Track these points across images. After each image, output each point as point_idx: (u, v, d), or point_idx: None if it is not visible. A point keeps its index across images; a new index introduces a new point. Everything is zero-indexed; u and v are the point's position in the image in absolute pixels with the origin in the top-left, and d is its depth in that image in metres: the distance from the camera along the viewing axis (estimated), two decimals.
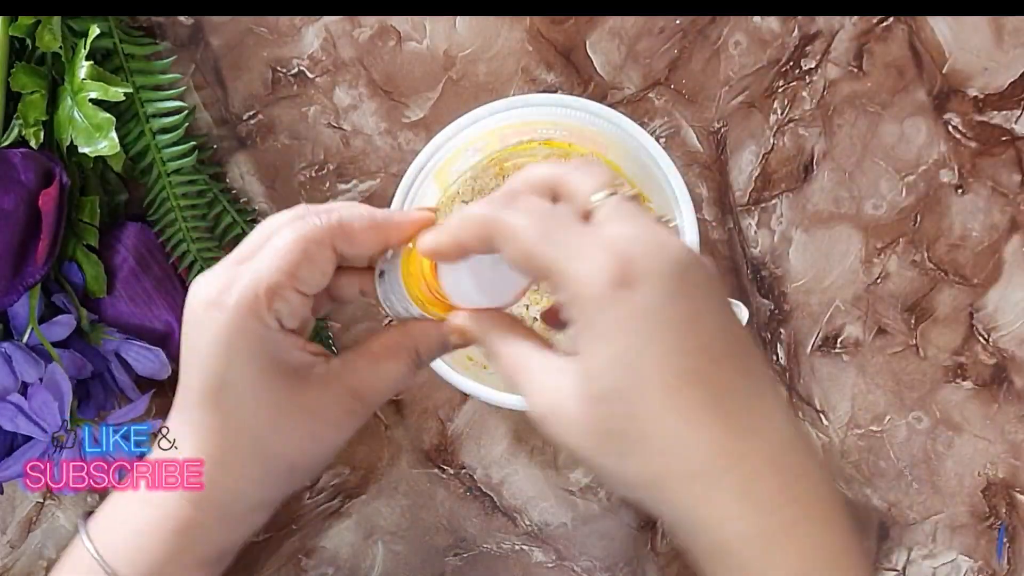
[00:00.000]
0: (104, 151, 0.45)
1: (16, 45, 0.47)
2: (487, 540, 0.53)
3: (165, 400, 0.54)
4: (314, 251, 0.38)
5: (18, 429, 0.45)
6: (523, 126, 0.46)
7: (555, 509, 0.53)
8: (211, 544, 0.40)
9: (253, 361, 0.38)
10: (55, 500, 0.54)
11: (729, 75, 0.52)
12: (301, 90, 0.52)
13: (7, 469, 0.46)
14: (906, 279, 0.52)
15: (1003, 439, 0.52)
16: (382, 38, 0.52)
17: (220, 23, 0.52)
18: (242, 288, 0.37)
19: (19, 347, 0.45)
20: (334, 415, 0.39)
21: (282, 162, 0.53)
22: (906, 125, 0.52)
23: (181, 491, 0.39)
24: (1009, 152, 0.52)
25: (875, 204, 0.52)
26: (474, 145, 0.46)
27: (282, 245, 0.37)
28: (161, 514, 0.39)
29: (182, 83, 0.51)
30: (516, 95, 0.46)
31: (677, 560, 0.53)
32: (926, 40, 0.51)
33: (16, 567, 0.54)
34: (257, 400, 0.38)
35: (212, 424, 0.38)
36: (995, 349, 0.52)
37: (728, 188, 0.52)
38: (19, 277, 0.45)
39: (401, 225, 0.39)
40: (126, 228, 0.50)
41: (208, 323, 0.37)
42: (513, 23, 0.51)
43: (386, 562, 0.54)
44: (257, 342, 0.38)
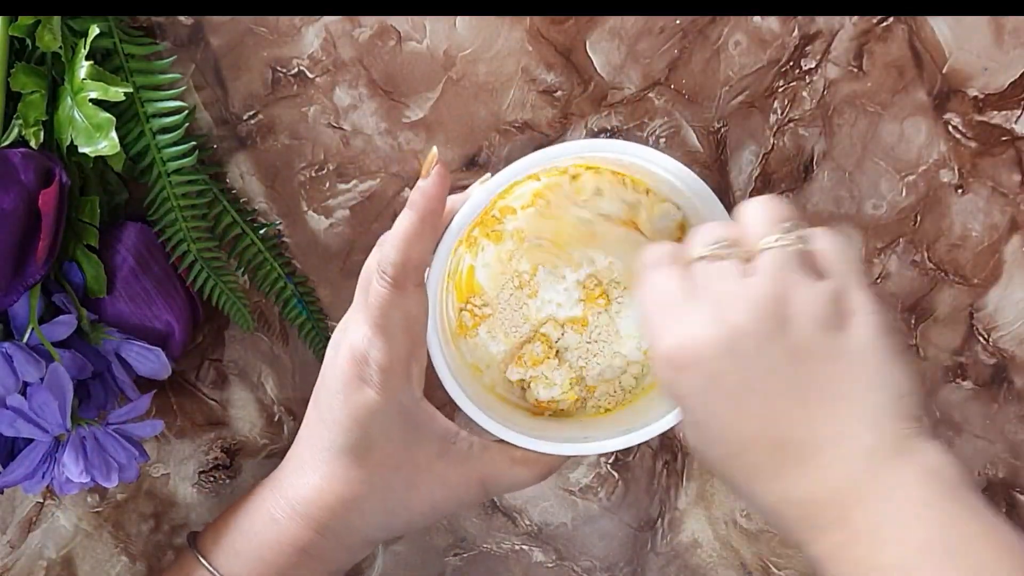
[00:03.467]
0: (104, 151, 0.45)
1: (16, 45, 0.47)
2: (487, 540, 0.54)
3: (165, 400, 0.54)
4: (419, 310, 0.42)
5: (18, 433, 0.45)
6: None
7: (555, 509, 0.53)
8: (325, 565, 0.45)
9: (401, 428, 0.43)
10: (55, 500, 0.54)
11: (729, 75, 0.52)
12: (301, 90, 0.52)
13: (10, 474, 0.46)
14: (906, 279, 0.52)
15: (1003, 439, 0.52)
16: (382, 38, 0.52)
17: (220, 23, 0.52)
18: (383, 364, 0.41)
19: (20, 347, 0.45)
20: (460, 492, 0.44)
21: (282, 162, 0.53)
22: (906, 125, 0.52)
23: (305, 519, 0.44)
24: (1009, 152, 0.52)
25: (875, 204, 0.52)
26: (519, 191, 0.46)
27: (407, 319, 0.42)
28: (285, 533, 0.44)
29: (182, 83, 0.51)
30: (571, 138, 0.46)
31: (677, 560, 0.53)
32: (926, 40, 0.51)
33: (16, 567, 0.54)
34: (400, 461, 0.43)
35: (354, 476, 0.43)
36: (995, 349, 0.52)
37: (728, 188, 0.52)
38: (19, 277, 0.45)
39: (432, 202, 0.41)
40: (126, 228, 0.49)
41: (357, 397, 0.42)
42: (513, 23, 0.51)
43: (386, 562, 0.54)
44: (405, 413, 0.43)
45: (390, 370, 0.42)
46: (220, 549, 0.45)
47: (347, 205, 0.53)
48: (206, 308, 0.52)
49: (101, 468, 0.46)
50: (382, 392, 0.42)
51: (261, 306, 0.53)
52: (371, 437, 0.42)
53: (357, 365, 0.42)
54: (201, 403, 0.54)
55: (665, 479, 0.53)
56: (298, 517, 0.44)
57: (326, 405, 0.43)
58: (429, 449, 0.43)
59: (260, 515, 0.45)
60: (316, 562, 0.44)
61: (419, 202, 0.41)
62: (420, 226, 0.41)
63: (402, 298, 0.41)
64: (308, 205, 0.53)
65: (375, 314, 0.41)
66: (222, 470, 0.54)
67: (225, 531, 0.45)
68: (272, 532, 0.44)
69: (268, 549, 0.44)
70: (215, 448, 0.54)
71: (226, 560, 0.44)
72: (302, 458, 0.45)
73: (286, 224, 0.53)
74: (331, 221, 0.53)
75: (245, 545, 0.44)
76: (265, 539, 0.44)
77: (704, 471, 0.53)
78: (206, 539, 0.46)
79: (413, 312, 0.42)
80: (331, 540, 0.44)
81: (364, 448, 0.43)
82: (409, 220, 0.41)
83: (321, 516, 0.43)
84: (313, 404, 0.45)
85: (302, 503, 0.44)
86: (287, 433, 0.54)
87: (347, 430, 0.43)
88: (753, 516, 0.53)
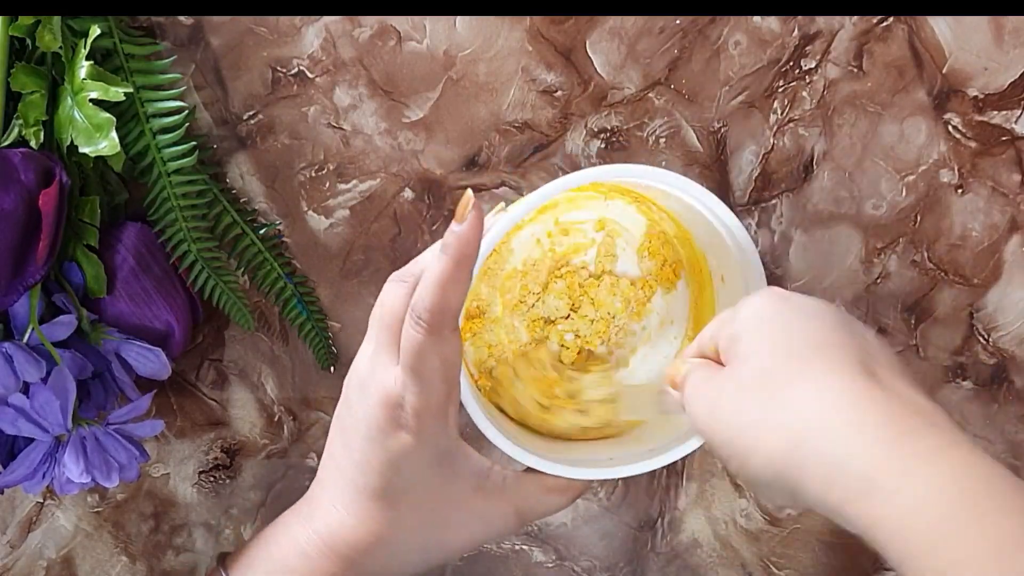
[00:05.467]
0: (104, 151, 0.45)
1: (16, 45, 0.47)
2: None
3: (165, 400, 0.54)
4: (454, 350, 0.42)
5: (20, 432, 0.45)
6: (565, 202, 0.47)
7: None
8: None
9: (436, 471, 0.43)
10: (55, 500, 0.54)
11: (729, 75, 0.52)
12: (301, 90, 0.52)
13: (11, 474, 0.46)
14: (906, 279, 0.52)
15: (1003, 439, 0.52)
16: (382, 38, 0.52)
17: (220, 23, 0.52)
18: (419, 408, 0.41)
19: (20, 347, 0.45)
20: (496, 524, 0.44)
21: (282, 162, 0.53)
22: (906, 125, 0.52)
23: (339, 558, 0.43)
24: (1009, 152, 0.52)
25: (875, 204, 0.52)
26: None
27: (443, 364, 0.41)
28: (316, 570, 0.43)
29: (182, 83, 0.51)
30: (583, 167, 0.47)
31: (677, 560, 0.53)
32: (926, 40, 0.51)
33: (16, 567, 0.54)
34: (436, 502, 0.43)
35: (389, 517, 0.43)
36: (995, 349, 0.52)
37: (728, 188, 0.52)
38: (19, 277, 0.45)
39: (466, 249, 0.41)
40: (126, 228, 0.49)
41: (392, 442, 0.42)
42: (513, 23, 0.51)
43: None
44: (440, 454, 0.42)
45: (427, 414, 0.41)
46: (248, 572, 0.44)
47: (347, 205, 0.53)
48: (206, 308, 0.52)
49: (102, 468, 0.46)
50: (418, 437, 0.41)
51: (261, 306, 0.53)
52: (406, 481, 0.42)
53: (391, 409, 0.41)
54: (201, 403, 0.54)
55: (665, 479, 0.53)
56: (331, 554, 0.43)
57: (358, 448, 0.42)
58: (464, 486, 0.43)
59: (291, 548, 0.44)
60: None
61: (454, 246, 0.40)
62: (456, 271, 0.40)
63: (439, 344, 0.40)
64: (308, 205, 0.53)
65: (411, 359, 0.40)
66: (222, 470, 0.54)
67: (255, 558, 0.45)
68: (304, 567, 0.43)
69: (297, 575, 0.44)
70: (215, 448, 0.54)
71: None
72: (334, 494, 0.44)
73: (286, 224, 0.53)
74: (331, 221, 0.53)
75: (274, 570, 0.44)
76: (295, 572, 0.43)
77: (704, 471, 0.53)
78: (237, 563, 0.45)
79: (449, 357, 0.41)
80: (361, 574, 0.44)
81: (400, 491, 0.42)
82: (445, 265, 0.40)
83: (354, 555, 0.43)
84: (342, 444, 0.44)
85: (336, 540, 0.43)
86: (287, 433, 0.54)
87: (381, 474, 0.42)
88: (753, 516, 0.53)
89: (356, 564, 0.43)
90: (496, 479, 0.44)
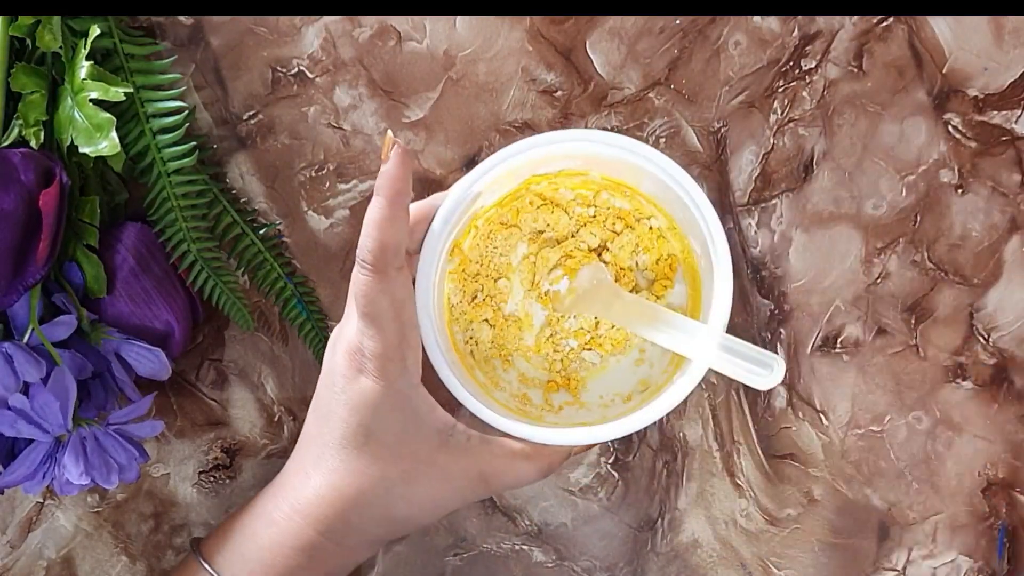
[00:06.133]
0: (104, 151, 0.45)
1: (16, 45, 0.47)
2: (487, 540, 0.54)
3: (165, 400, 0.54)
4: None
5: (19, 434, 0.45)
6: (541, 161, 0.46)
7: (555, 509, 0.53)
8: (326, 567, 0.45)
9: (398, 415, 0.43)
10: (55, 500, 0.54)
11: (729, 75, 0.52)
12: (301, 90, 0.52)
13: (11, 474, 0.46)
14: (906, 279, 0.52)
15: (1003, 439, 0.52)
16: (382, 38, 0.52)
17: (220, 23, 0.52)
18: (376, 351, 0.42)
19: (20, 347, 0.45)
20: (460, 486, 0.44)
21: (282, 162, 0.53)
22: (906, 125, 0.52)
23: (304, 518, 0.44)
24: (1009, 152, 0.52)
25: (875, 204, 0.52)
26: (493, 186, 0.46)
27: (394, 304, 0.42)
28: (285, 534, 0.44)
29: (182, 83, 0.52)
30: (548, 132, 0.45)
31: (677, 560, 0.53)
32: (926, 40, 0.51)
33: (16, 567, 0.54)
34: (399, 450, 0.43)
35: (353, 468, 0.43)
36: (995, 349, 0.52)
37: (728, 188, 0.52)
38: (19, 277, 0.45)
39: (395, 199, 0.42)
40: (126, 228, 0.49)
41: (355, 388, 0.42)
42: (513, 23, 0.51)
43: (386, 562, 0.54)
44: (402, 399, 0.42)
45: (384, 357, 0.42)
46: (222, 553, 0.45)
47: (347, 205, 0.53)
48: (206, 308, 0.52)
49: (101, 469, 0.46)
50: (379, 379, 0.42)
51: (261, 306, 0.53)
52: (369, 427, 0.43)
53: (352, 357, 0.42)
54: (201, 403, 0.54)
55: (665, 479, 0.53)
56: (297, 517, 0.44)
57: (324, 402, 0.44)
58: (428, 441, 0.43)
59: (261, 518, 0.45)
60: (317, 563, 0.44)
61: (384, 186, 0.41)
62: (390, 209, 0.41)
63: (385, 283, 0.41)
64: (308, 205, 0.53)
65: (362, 303, 0.42)
66: (222, 470, 0.54)
67: (227, 535, 0.45)
68: (272, 534, 0.44)
69: (268, 551, 0.44)
70: (215, 448, 0.54)
71: (227, 563, 0.45)
72: (302, 458, 0.45)
73: (286, 224, 0.53)
74: (331, 221, 0.53)
75: (246, 548, 0.45)
76: (265, 541, 0.44)
77: (704, 471, 0.53)
78: (209, 543, 0.46)
79: (399, 296, 0.42)
80: (330, 539, 0.44)
81: (363, 438, 0.43)
82: (379, 205, 0.41)
83: (320, 514, 0.43)
84: (313, 405, 0.45)
85: (301, 502, 0.44)
86: (287, 433, 0.54)
87: (345, 422, 0.43)
88: (753, 516, 0.53)
89: (323, 525, 0.43)
90: (460, 437, 0.44)
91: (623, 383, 0.50)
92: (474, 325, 0.50)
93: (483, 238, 0.49)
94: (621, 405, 0.49)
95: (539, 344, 0.50)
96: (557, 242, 0.50)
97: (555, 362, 0.50)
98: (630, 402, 0.49)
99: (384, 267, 0.41)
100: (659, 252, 0.50)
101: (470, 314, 0.49)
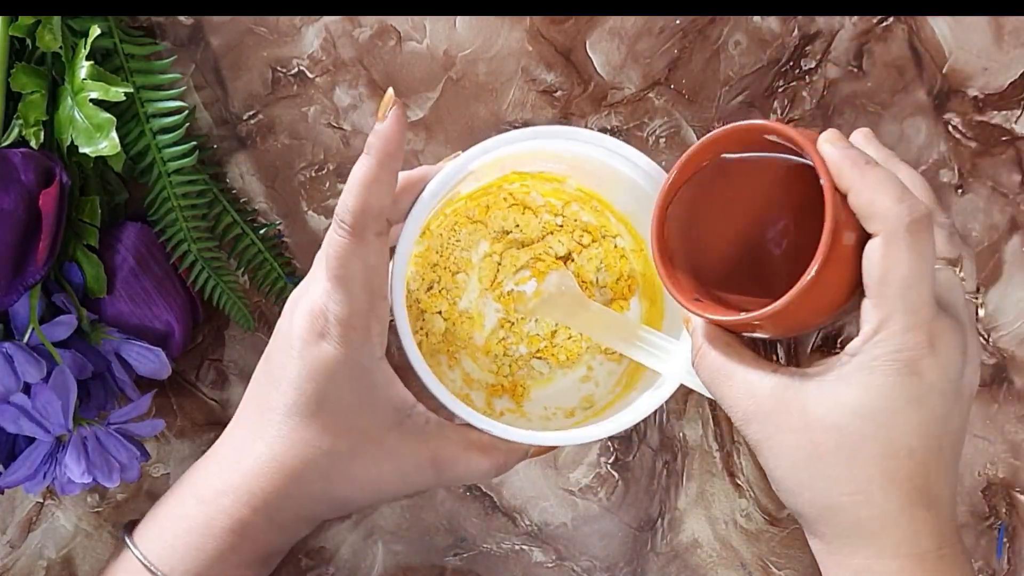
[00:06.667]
0: (104, 151, 0.45)
1: (16, 45, 0.47)
2: (487, 540, 0.54)
3: (165, 400, 0.54)
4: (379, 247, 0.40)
5: (21, 431, 0.45)
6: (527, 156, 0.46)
7: (555, 509, 0.53)
8: (258, 545, 0.42)
9: (354, 386, 0.40)
10: (55, 500, 0.54)
11: (729, 75, 0.52)
12: (301, 90, 0.52)
13: (13, 474, 0.46)
14: None
15: (1003, 439, 0.52)
16: (382, 38, 0.52)
17: (220, 23, 0.52)
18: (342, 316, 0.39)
19: (20, 347, 0.45)
20: (408, 469, 0.41)
21: (282, 162, 0.53)
22: (906, 125, 0.52)
23: (238, 493, 0.40)
24: (1009, 152, 0.52)
25: None
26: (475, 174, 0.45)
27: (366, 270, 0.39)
28: (215, 512, 0.41)
29: (182, 83, 0.52)
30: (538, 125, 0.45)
31: (677, 560, 0.53)
32: (926, 40, 0.51)
33: (16, 567, 0.54)
34: (349, 425, 0.40)
35: (299, 438, 0.40)
36: (995, 349, 0.52)
37: None
38: (19, 277, 0.45)
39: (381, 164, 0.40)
40: (126, 228, 0.49)
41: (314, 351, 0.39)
42: (513, 23, 0.52)
43: (386, 562, 0.54)
44: (361, 370, 0.40)
45: (349, 324, 0.39)
46: (151, 536, 0.42)
47: None
48: (206, 308, 0.52)
49: (103, 468, 0.46)
50: (340, 346, 0.39)
51: (261, 306, 0.53)
52: (323, 394, 0.40)
53: (314, 319, 0.40)
54: (201, 403, 0.54)
55: (665, 479, 0.53)
56: (229, 492, 0.41)
57: (278, 364, 0.41)
58: (382, 418, 0.41)
59: (191, 497, 0.42)
60: (249, 543, 0.41)
61: (376, 145, 0.39)
62: (378, 171, 0.39)
63: (361, 248, 0.39)
64: (308, 205, 0.53)
65: (333, 264, 0.39)
66: None
67: (157, 517, 0.43)
68: (202, 513, 0.41)
69: (196, 534, 0.41)
70: None
71: (155, 546, 0.42)
72: (242, 426, 0.42)
73: (286, 224, 0.53)
74: (331, 221, 0.53)
75: (174, 530, 0.42)
76: (195, 523, 0.41)
77: (704, 471, 0.53)
78: (141, 527, 0.43)
79: (372, 262, 0.39)
80: (264, 516, 0.41)
81: (315, 406, 0.40)
82: (367, 165, 0.39)
83: (256, 488, 0.41)
84: (261, 368, 0.42)
85: (237, 476, 0.41)
86: None
87: (298, 387, 0.40)
88: (753, 516, 0.53)
89: (256, 496, 0.41)
90: (418, 419, 0.41)
91: (567, 398, 0.50)
92: (427, 315, 0.49)
93: (448, 229, 0.49)
94: (563, 419, 0.49)
95: (489, 345, 0.50)
96: (523, 244, 0.50)
97: (503, 366, 0.50)
98: (572, 417, 0.49)
99: (362, 230, 0.39)
100: (620, 271, 0.50)
101: (425, 303, 0.49)
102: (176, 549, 0.41)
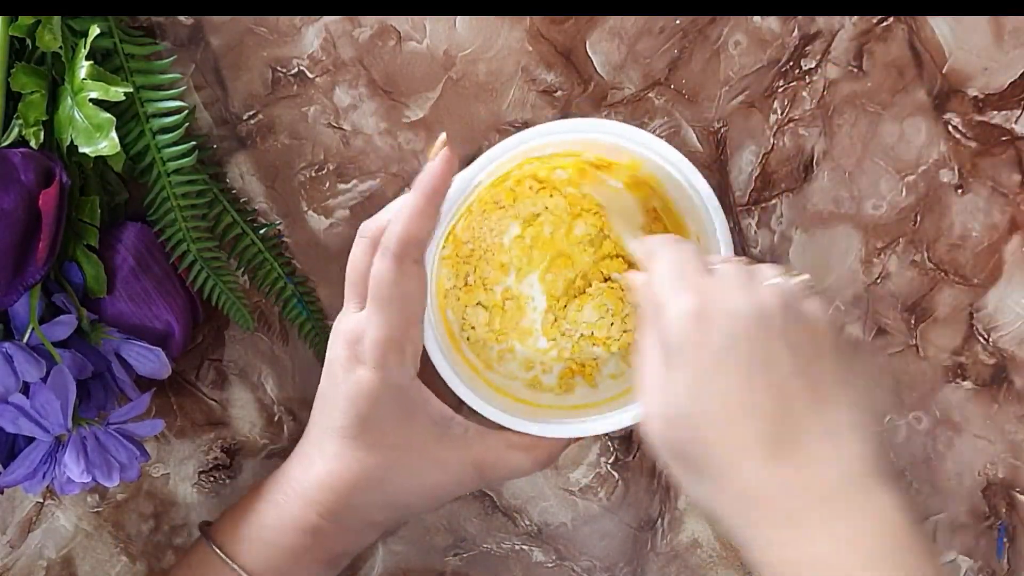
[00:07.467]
0: (104, 151, 0.45)
1: (16, 45, 0.47)
2: (487, 540, 0.54)
3: (165, 400, 0.54)
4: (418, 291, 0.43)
5: (20, 431, 0.45)
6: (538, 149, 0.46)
7: (555, 509, 0.53)
8: (329, 548, 0.45)
9: (394, 406, 0.43)
10: (55, 500, 0.54)
11: (729, 75, 0.52)
12: (301, 90, 0.52)
13: (12, 474, 0.46)
14: (906, 279, 0.52)
15: (1003, 439, 0.52)
16: (382, 38, 0.52)
17: (220, 23, 0.52)
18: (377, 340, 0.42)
19: (20, 347, 0.45)
20: (454, 476, 0.45)
21: (282, 162, 0.53)
22: (906, 125, 0.52)
23: (305, 500, 0.45)
24: (1009, 152, 0.52)
25: (875, 204, 0.52)
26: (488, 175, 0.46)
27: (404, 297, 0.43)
28: (287, 516, 0.45)
29: (182, 83, 0.51)
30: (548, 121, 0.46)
31: (677, 560, 0.53)
32: (926, 40, 0.51)
33: (16, 567, 0.54)
34: (396, 442, 0.44)
35: (352, 456, 0.44)
36: (995, 349, 0.52)
37: (728, 188, 0.52)
38: (19, 277, 0.45)
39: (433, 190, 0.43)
40: (126, 228, 0.49)
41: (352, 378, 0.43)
42: (513, 23, 0.52)
43: (386, 562, 0.54)
44: (399, 392, 0.43)
45: (384, 347, 0.42)
46: (229, 535, 0.46)
47: (347, 205, 0.53)
48: (206, 308, 0.52)
49: (102, 468, 0.46)
50: (375, 370, 0.42)
51: (261, 306, 0.53)
52: (366, 416, 0.43)
53: (351, 346, 0.43)
54: (201, 403, 0.54)
55: (665, 479, 0.53)
56: (299, 499, 0.44)
57: (328, 389, 0.44)
58: (425, 432, 0.44)
59: (266, 501, 0.46)
60: (320, 544, 0.45)
61: (425, 181, 0.42)
62: (425, 205, 0.42)
63: (401, 275, 0.42)
64: (308, 205, 0.53)
65: (374, 289, 0.42)
66: (222, 470, 0.54)
67: (234, 518, 0.46)
68: (275, 515, 0.45)
69: (272, 531, 0.45)
70: (215, 448, 0.54)
71: (235, 544, 0.45)
72: (307, 443, 0.46)
73: (286, 224, 0.53)
74: (331, 221, 0.53)
75: (251, 530, 0.45)
76: (269, 522, 0.45)
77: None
78: (216, 527, 0.47)
79: (410, 290, 0.43)
80: (333, 522, 0.44)
81: (360, 427, 0.43)
82: (415, 198, 0.42)
83: (321, 497, 0.44)
84: (318, 393, 0.46)
85: (303, 486, 0.45)
86: (287, 433, 0.54)
87: (344, 411, 0.43)
88: None
89: (325, 508, 0.44)
90: (457, 429, 0.45)
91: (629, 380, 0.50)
92: (468, 310, 0.50)
93: (476, 218, 0.50)
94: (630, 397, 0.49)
95: (546, 328, 0.50)
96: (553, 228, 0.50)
97: (563, 349, 0.50)
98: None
99: (403, 258, 0.42)
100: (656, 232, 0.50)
101: (464, 298, 0.50)
102: (252, 546, 0.45)
